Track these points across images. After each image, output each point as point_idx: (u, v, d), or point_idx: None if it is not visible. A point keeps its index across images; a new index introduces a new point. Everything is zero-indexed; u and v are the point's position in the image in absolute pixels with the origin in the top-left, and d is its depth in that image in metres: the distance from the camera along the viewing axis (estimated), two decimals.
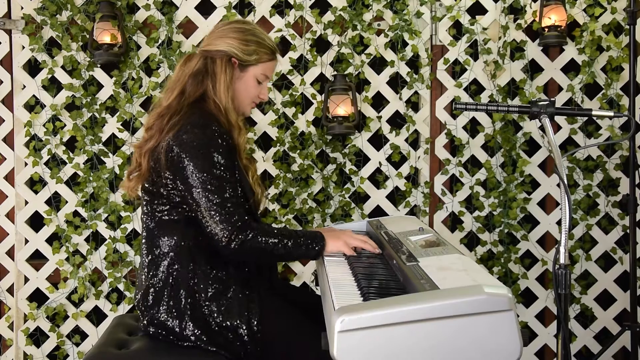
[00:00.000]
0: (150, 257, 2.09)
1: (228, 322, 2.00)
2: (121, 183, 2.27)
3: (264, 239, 2.00)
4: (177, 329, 2.02)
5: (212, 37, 2.20)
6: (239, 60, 2.16)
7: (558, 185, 3.27)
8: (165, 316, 2.03)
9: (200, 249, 2.06)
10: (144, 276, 2.10)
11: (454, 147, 3.35)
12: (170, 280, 2.04)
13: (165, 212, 2.07)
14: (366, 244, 2.18)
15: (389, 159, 3.36)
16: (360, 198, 3.36)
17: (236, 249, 1.97)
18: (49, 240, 3.34)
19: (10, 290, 3.35)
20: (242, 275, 2.09)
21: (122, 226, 3.30)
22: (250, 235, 1.98)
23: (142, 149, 2.11)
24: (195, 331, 2.00)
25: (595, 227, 3.31)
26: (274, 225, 3.29)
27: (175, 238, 2.06)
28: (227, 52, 2.15)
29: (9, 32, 3.30)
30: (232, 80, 2.17)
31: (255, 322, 2.00)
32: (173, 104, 2.10)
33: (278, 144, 3.32)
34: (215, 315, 2.01)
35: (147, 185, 2.11)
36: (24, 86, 3.31)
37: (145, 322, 2.09)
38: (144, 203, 2.14)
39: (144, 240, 2.13)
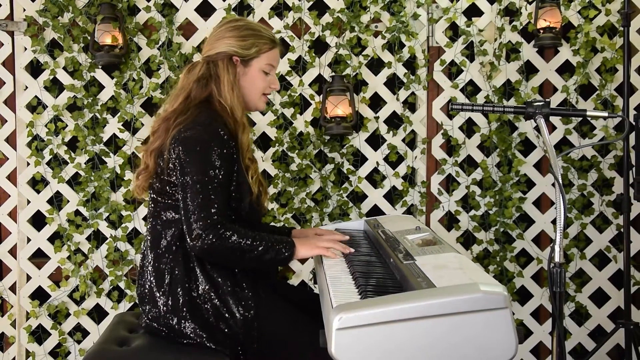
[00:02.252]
0: (152, 255, 2.11)
1: (226, 319, 2.02)
2: (132, 184, 2.26)
3: (236, 239, 1.97)
4: (177, 326, 2.04)
5: (211, 41, 2.21)
6: (240, 57, 2.17)
7: (553, 184, 3.29)
8: (165, 314, 2.05)
9: None
10: (146, 274, 2.12)
11: (450, 147, 3.38)
12: (169, 279, 2.06)
13: (169, 210, 2.09)
14: (336, 244, 2.18)
15: (386, 159, 3.38)
16: (358, 197, 3.39)
17: (205, 249, 1.96)
18: (51, 239, 3.36)
19: (13, 288, 3.37)
20: (240, 273, 2.09)
21: (123, 225, 3.33)
22: (223, 236, 1.96)
23: (148, 150, 2.15)
24: (195, 329, 2.02)
25: (590, 226, 3.34)
26: (272, 224, 3.32)
27: (175, 236, 2.08)
28: (226, 52, 2.16)
29: (11, 34, 3.32)
30: (237, 79, 2.18)
31: (253, 319, 2.02)
32: (179, 108, 2.12)
33: (277, 144, 3.35)
34: (214, 312, 2.02)
35: (154, 185, 2.13)
36: (26, 87, 3.34)
37: (146, 319, 2.11)
38: (151, 203, 2.16)
39: (148, 238, 2.14)
